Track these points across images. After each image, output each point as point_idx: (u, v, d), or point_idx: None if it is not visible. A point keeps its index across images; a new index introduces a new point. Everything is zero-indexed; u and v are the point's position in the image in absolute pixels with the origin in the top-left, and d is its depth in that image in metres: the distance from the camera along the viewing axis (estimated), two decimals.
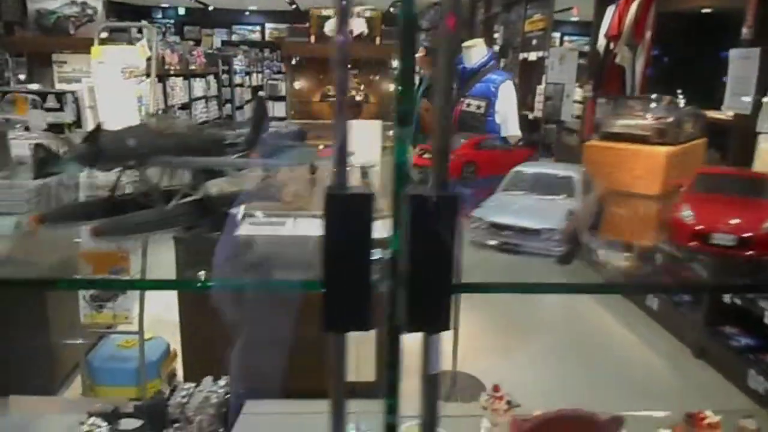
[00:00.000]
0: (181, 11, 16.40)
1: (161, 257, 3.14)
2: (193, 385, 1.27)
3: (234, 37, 16.67)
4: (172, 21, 16.07)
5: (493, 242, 1.21)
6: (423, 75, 6.74)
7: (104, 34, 6.34)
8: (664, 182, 1.50)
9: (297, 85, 6.08)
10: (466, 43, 3.37)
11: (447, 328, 0.87)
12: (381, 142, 2.96)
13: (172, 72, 7.66)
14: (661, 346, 4.53)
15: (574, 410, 1.15)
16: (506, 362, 4.18)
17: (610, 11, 5.51)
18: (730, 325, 4.13)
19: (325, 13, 6.09)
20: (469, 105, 3.22)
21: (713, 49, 4.70)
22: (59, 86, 6.19)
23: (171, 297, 3.76)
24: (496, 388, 1.40)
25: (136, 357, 3.56)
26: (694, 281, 1.62)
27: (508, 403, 1.38)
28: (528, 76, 7.82)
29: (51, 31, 6.11)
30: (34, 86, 6.04)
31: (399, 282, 0.84)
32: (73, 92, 4.68)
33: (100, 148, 1.12)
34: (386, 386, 0.95)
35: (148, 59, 3.42)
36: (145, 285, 3.35)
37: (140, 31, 7.31)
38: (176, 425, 1.15)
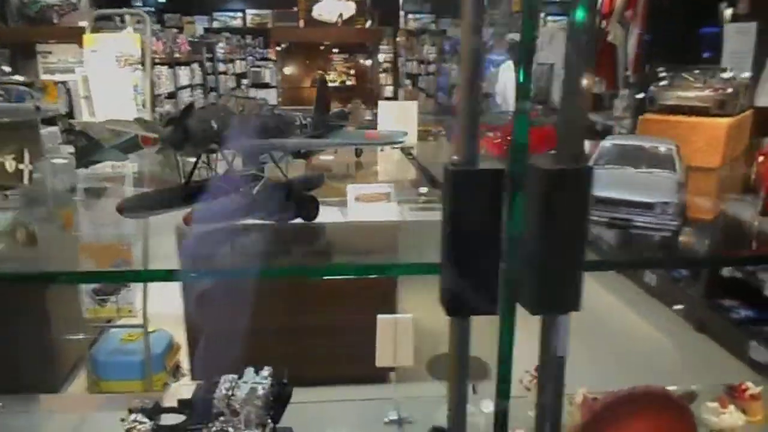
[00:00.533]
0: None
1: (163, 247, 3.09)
2: (235, 376, 1.24)
3: (215, 24, 16.42)
4: (153, 9, 15.78)
5: (602, 218, 1.17)
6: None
7: (83, 23, 6.21)
8: (724, 154, 1.49)
9: (287, 71, 6.00)
10: None
11: (577, 308, 0.84)
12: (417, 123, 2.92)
13: (157, 60, 7.52)
14: (661, 322, 4.58)
15: (646, 387, 1.14)
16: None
17: None
18: (730, 297, 4.18)
19: None
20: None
21: (701, 24, 4.72)
22: (44, 77, 6.07)
23: (170, 290, 3.72)
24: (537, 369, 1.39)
25: (140, 350, 3.52)
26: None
27: None
28: (516, 58, 7.80)
29: (34, 20, 5.97)
30: (18, 77, 5.90)
31: (524, 261, 0.81)
32: (64, 82, 4.59)
33: (188, 132, 1.08)
34: (500, 371, 0.93)
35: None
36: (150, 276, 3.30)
37: (122, 19, 7.18)
38: (222, 418, 1.13)
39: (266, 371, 1.25)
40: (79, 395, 3.37)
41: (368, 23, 6.13)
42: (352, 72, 6.32)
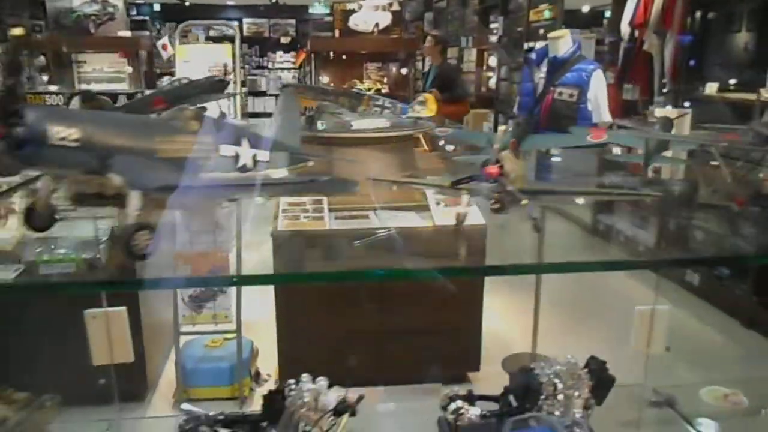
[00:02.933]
0: (157, 7, 16.05)
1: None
2: (549, 363, 1.33)
3: (212, 33, 16.40)
4: (147, 17, 15.71)
5: None
6: (431, 65, 6.85)
7: (122, 32, 6.22)
8: None
9: (323, 79, 6.09)
10: (552, 34, 3.48)
11: None
12: None
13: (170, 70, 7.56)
14: (708, 319, 4.75)
15: None
16: (559, 343, 4.30)
17: (633, 0, 5.70)
18: None
19: (349, 6, 6.11)
20: (561, 94, 3.33)
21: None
22: (80, 86, 6.07)
23: (255, 296, 3.77)
24: None
25: (225, 356, 3.57)
26: None
27: None
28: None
29: (71, 30, 5.97)
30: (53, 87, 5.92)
31: None
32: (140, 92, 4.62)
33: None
34: None
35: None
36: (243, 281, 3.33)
37: (159, 30, 7.15)
38: (547, 402, 1.21)
39: (571, 358, 1.34)
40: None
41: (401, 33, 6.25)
42: (385, 80, 6.43)
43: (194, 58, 3.34)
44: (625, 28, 5.77)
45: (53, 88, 6.11)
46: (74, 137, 1.13)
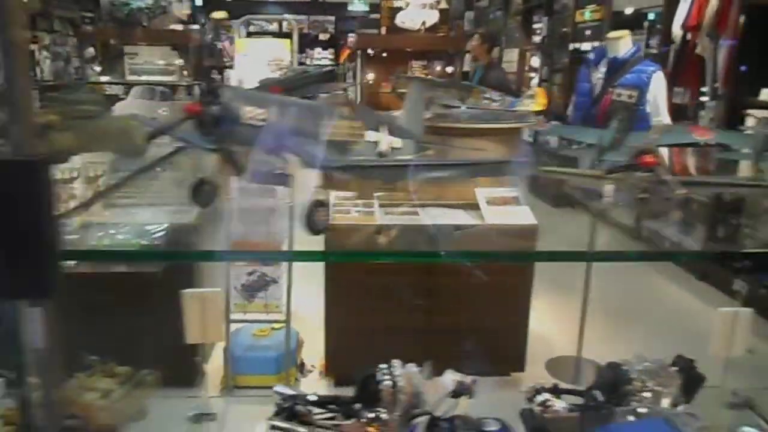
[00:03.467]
0: (199, 2, 16.28)
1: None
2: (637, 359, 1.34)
3: (251, 29, 16.59)
4: (189, 12, 15.98)
5: None
6: (478, 64, 6.84)
7: (175, 26, 6.34)
8: None
9: (368, 76, 6.13)
10: (612, 34, 3.46)
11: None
12: None
13: (229, 64, 7.67)
14: (760, 327, 4.65)
15: None
16: (605, 347, 4.26)
17: (686, 2, 5.61)
18: None
19: (396, 4, 6.13)
20: (619, 95, 3.30)
21: None
22: (130, 78, 6.20)
23: (303, 289, 3.81)
24: None
25: (272, 345, 3.62)
26: None
27: None
28: (577, 67, 7.91)
29: (124, 23, 6.11)
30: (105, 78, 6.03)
31: None
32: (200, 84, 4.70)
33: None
34: None
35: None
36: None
37: (204, 24, 7.28)
38: (635, 396, 1.22)
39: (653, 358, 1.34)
40: None
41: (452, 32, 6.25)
42: (430, 78, 6.43)
43: (253, 51, 3.38)
44: (676, 31, 5.68)
45: (104, 78, 6.24)
46: (261, 117, 1.20)
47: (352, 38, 7.21)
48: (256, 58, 3.34)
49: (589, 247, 3.08)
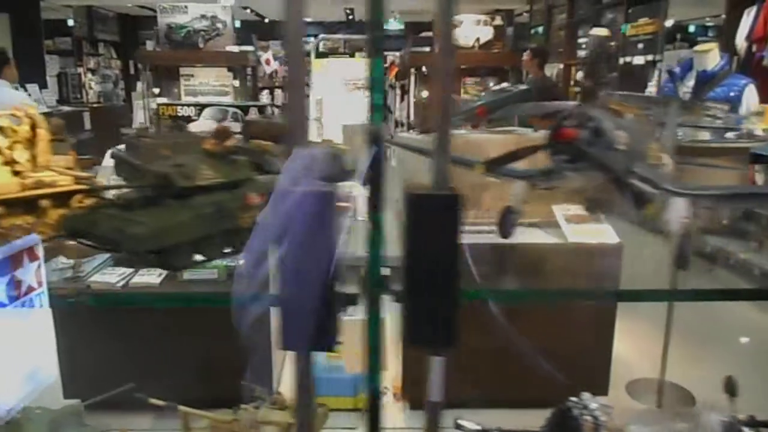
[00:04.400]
0: (237, 24, 16.56)
1: None
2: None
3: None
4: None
5: None
6: (529, 78, 6.77)
7: (230, 47, 6.41)
8: None
9: (423, 94, 6.11)
10: (699, 48, 3.38)
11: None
12: None
13: (278, 84, 7.74)
14: None
15: None
16: (685, 371, 4.10)
17: (749, 14, 5.49)
18: None
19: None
20: (709, 109, 3.21)
21: None
22: (186, 99, 6.27)
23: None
24: None
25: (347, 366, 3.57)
26: None
27: None
28: (629, 80, 7.80)
29: (180, 45, 6.20)
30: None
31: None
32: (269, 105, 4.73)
33: None
34: None
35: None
36: None
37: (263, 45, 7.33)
38: None
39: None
40: None
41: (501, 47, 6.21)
42: (483, 94, 6.39)
43: (329, 72, 3.37)
44: (741, 43, 5.55)
45: (161, 99, 6.33)
46: (624, 141, 1.14)
47: (392, 56, 7.22)
48: (332, 78, 3.33)
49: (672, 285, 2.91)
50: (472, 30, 5.96)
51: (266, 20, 16.16)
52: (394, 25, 16.20)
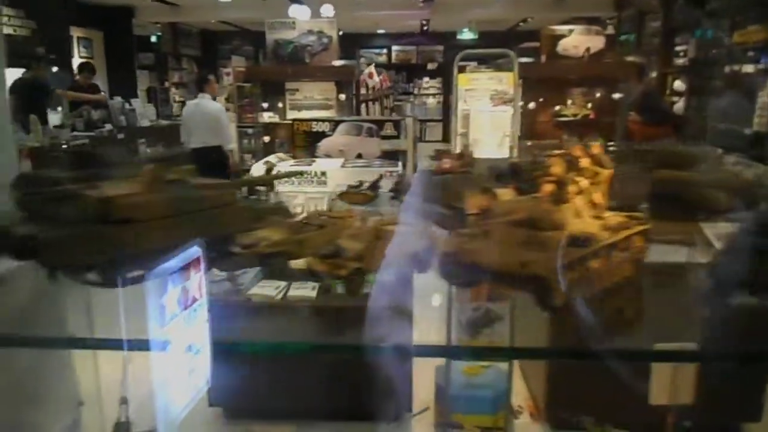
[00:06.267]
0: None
1: None
2: None
3: (362, 60, 16.97)
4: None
5: None
6: (631, 87, 6.60)
7: (336, 62, 6.48)
8: None
9: (530, 106, 6.02)
10: None
11: None
12: None
13: (370, 97, 7.78)
14: None
15: None
16: None
17: None
18: None
19: (558, 32, 6.01)
20: None
21: None
22: (291, 114, 6.38)
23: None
24: None
25: (485, 384, 3.52)
26: None
27: None
28: (737, 90, 7.50)
29: (287, 60, 6.32)
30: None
31: None
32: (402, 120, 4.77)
33: None
34: None
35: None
36: None
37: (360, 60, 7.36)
38: None
39: None
40: None
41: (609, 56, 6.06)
42: (589, 105, 6.25)
43: (477, 86, 3.36)
44: None
45: (267, 114, 6.44)
46: None
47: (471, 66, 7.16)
48: (479, 93, 3.33)
49: None
50: (582, 39, 5.85)
51: (340, 33, 16.40)
52: (468, 34, 16.16)
